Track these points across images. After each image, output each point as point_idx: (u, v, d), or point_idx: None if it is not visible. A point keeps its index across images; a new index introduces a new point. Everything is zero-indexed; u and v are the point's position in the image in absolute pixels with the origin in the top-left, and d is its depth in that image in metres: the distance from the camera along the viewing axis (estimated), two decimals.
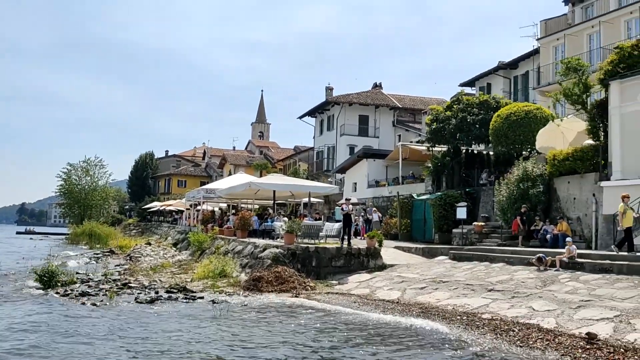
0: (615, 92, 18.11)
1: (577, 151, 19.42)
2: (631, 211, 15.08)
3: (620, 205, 15.13)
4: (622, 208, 15.08)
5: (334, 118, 49.15)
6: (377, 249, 19.87)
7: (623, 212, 15.03)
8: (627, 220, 14.97)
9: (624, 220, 14.99)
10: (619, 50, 18.79)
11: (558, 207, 20.12)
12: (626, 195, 15.29)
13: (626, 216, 14.97)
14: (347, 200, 22.32)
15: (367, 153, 37.38)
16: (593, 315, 10.76)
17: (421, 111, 46.85)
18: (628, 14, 26.68)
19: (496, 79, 37.16)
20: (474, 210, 24.60)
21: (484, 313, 12.32)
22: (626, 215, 14.97)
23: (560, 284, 13.81)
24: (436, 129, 27.31)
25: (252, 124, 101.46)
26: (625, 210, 15.01)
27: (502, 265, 16.99)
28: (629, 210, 15.03)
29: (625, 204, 15.13)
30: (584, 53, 27.59)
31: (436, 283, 15.71)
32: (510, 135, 23.45)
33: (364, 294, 15.92)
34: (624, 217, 14.98)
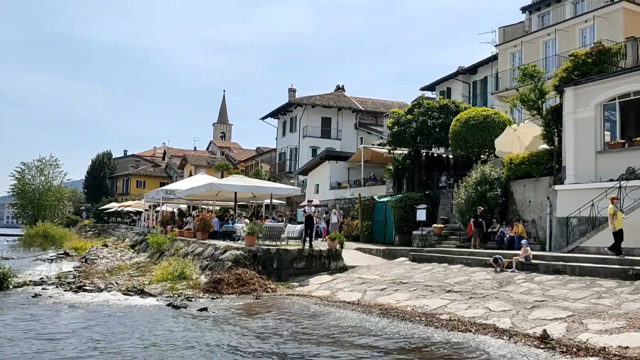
0: (569, 99, 18.70)
1: (533, 155, 19.95)
2: (621, 213, 14.68)
3: (610, 207, 14.71)
4: (612, 210, 14.65)
5: (297, 120, 49.15)
6: (339, 251, 19.94)
7: (613, 213, 14.60)
8: (617, 222, 14.54)
9: (615, 222, 14.55)
10: (574, 58, 19.41)
11: (514, 209, 20.62)
12: (615, 197, 14.95)
13: (617, 218, 14.54)
14: (309, 202, 22.34)
15: (330, 155, 37.52)
16: (547, 315, 11.05)
17: (383, 114, 47.32)
18: (583, 22, 27.61)
19: (456, 84, 37.87)
20: (433, 212, 24.98)
21: (442, 314, 12.50)
22: (617, 217, 14.54)
23: (516, 284, 14.15)
24: (397, 132, 27.62)
25: (214, 125, 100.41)
26: (615, 212, 14.58)
27: (460, 267, 17.29)
28: (619, 212, 14.60)
29: (614, 205, 14.70)
30: (540, 60, 28.39)
31: (396, 284, 15.86)
32: (469, 139, 23.92)
33: (325, 296, 15.94)
34: (615, 218, 14.54)
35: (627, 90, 17.33)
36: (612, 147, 17.66)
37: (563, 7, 30.28)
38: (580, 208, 17.04)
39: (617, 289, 12.42)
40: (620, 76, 17.60)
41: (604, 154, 17.73)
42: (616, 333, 9.48)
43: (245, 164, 65.80)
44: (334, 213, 27.30)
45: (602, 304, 11.51)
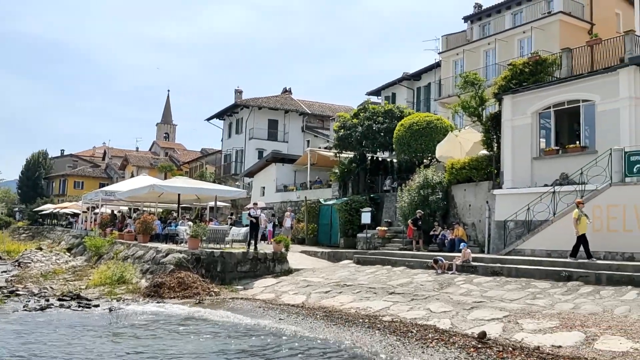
0: (507, 106, 19.40)
1: (473, 161, 20.55)
2: (585, 218, 14.58)
3: (575, 212, 14.68)
4: (577, 214, 14.59)
5: (243, 121, 48.74)
6: (284, 254, 19.87)
7: (577, 218, 14.54)
8: (582, 226, 14.49)
9: (578, 226, 14.50)
10: (512, 67, 20.16)
11: (455, 213, 21.18)
12: (580, 202, 14.87)
13: (581, 222, 14.49)
14: (255, 205, 22.15)
15: (276, 157, 37.41)
16: (484, 315, 11.39)
17: (330, 118, 47.62)
18: (521, 33, 28.73)
19: (400, 89, 38.59)
20: (377, 215, 25.32)
21: (385, 315, 12.66)
22: (580, 221, 14.49)
23: (456, 286, 14.52)
24: (343, 135, 27.85)
25: (157, 125, 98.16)
26: (579, 216, 14.53)
27: (403, 269, 17.59)
28: (583, 217, 14.53)
29: (579, 210, 14.64)
30: (481, 68, 29.33)
31: (340, 287, 15.96)
32: (413, 143, 24.41)
33: (269, 299, 15.84)
34: (579, 223, 14.50)
35: (561, 100, 18.15)
36: (547, 153, 18.44)
37: (503, 17, 31.41)
38: (517, 212, 17.68)
39: (551, 289, 12.96)
40: (555, 86, 18.40)
41: (539, 160, 18.49)
42: (549, 332, 9.86)
43: (190, 166, 64.67)
44: (288, 216, 27.03)
45: (537, 304, 11.97)
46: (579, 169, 16.18)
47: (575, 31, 26.95)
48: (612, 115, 16.56)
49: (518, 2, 30.91)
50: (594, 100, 17.13)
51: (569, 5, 27.73)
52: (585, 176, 15.94)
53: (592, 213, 15.36)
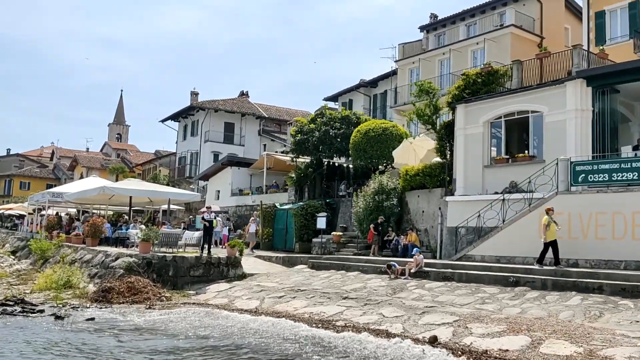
0: (460, 115, 19.87)
1: (427, 168, 20.93)
2: (554, 224, 14.61)
3: (545, 218, 14.68)
4: (546, 220, 14.60)
5: (199, 123, 48.11)
6: (238, 258, 19.68)
7: (547, 224, 14.55)
8: (550, 233, 14.53)
9: (547, 233, 14.54)
10: (465, 77, 20.66)
11: (409, 219, 21.49)
12: (550, 208, 14.85)
13: (550, 229, 14.51)
14: (209, 209, 21.85)
15: (232, 161, 37.07)
16: (435, 320, 11.58)
17: (287, 122, 47.61)
18: (475, 44, 29.50)
19: (358, 96, 38.96)
20: (333, 221, 25.43)
21: (338, 320, 12.69)
22: (550, 228, 14.51)
23: (408, 291, 14.71)
24: (300, 140, 27.87)
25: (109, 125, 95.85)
26: (549, 223, 14.55)
27: (357, 274, 17.70)
28: (552, 223, 14.58)
29: (549, 216, 14.65)
30: (436, 77, 29.95)
31: (294, 292, 15.91)
32: (369, 150, 24.66)
33: (222, 304, 15.64)
34: (548, 229, 14.52)
35: (511, 110, 18.71)
36: (498, 162, 18.96)
37: (457, 28, 32.18)
38: (468, 218, 18.10)
39: (499, 294, 13.30)
40: (506, 96, 18.97)
41: (490, 168, 18.99)
42: (497, 337, 10.11)
43: (143, 168, 63.33)
44: (253, 221, 26.28)
45: (486, 309, 12.26)
46: (527, 177, 16.70)
47: (526, 44, 27.87)
48: (559, 126, 17.18)
49: (472, 14, 31.76)
50: (542, 112, 17.74)
51: (521, 18, 28.67)
52: (533, 185, 16.47)
53: (540, 220, 15.86)
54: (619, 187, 14.82)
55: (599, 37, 24.02)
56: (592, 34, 24.37)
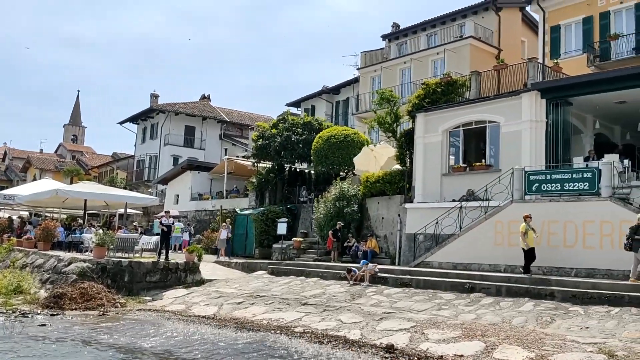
0: (420, 124, 20.19)
1: (387, 175, 21.16)
2: (532, 232, 14.55)
3: (522, 225, 14.58)
4: (524, 228, 14.52)
5: (159, 126, 47.34)
6: (196, 264, 19.41)
7: (525, 232, 14.50)
8: (529, 240, 14.49)
9: (526, 240, 14.49)
10: (425, 87, 21.03)
11: (369, 225, 21.65)
12: (528, 215, 14.73)
13: (528, 236, 14.47)
14: (167, 213, 21.50)
15: (192, 165, 36.63)
16: (393, 326, 11.69)
17: (248, 127, 47.36)
18: (435, 54, 30.04)
19: (320, 102, 39.12)
20: (294, 226, 25.38)
21: (297, 326, 12.66)
22: (528, 235, 14.48)
23: (367, 297, 14.81)
24: (262, 145, 27.76)
25: (65, 126, 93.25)
26: (526, 230, 14.50)
27: (317, 280, 17.71)
28: (530, 231, 14.52)
29: (527, 224, 14.57)
30: (397, 86, 30.35)
31: (253, 298, 15.80)
32: (330, 156, 24.76)
33: (179, 310, 15.39)
34: (526, 237, 14.47)
35: (470, 119, 19.14)
36: (456, 170, 19.34)
37: (419, 38, 32.72)
38: (426, 225, 18.37)
39: (455, 300, 13.54)
40: (464, 106, 19.39)
41: (448, 177, 19.35)
42: (453, 342, 10.28)
43: (99, 170, 61.83)
44: (224, 227, 25.67)
45: (442, 315, 12.45)
46: (484, 186, 17.09)
47: (485, 55, 28.57)
48: (514, 136, 17.66)
49: (433, 24, 32.36)
50: (499, 122, 18.21)
51: (479, 30, 29.38)
52: (490, 193, 16.86)
53: (495, 228, 16.26)
54: (571, 196, 15.31)
55: (554, 50, 24.87)
56: (548, 47, 25.20)
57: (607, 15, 23.43)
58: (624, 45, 22.57)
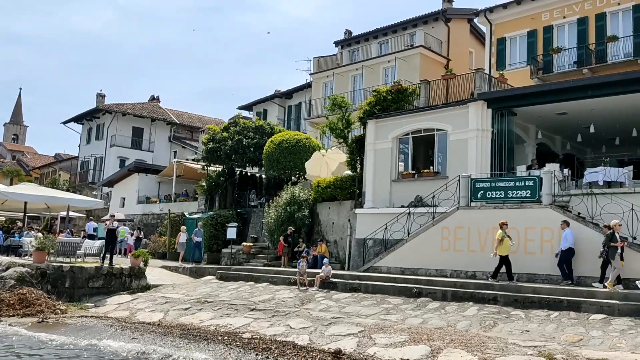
0: (371, 130, 20.43)
1: (338, 180, 21.29)
2: (508, 239, 14.44)
3: (499, 232, 14.44)
4: (500, 235, 14.37)
5: (105, 127, 46.01)
6: (142, 269, 18.92)
7: (501, 239, 14.35)
8: (504, 248, 14.35)
9: (501, 248, 14.35)
10: (377, 94, 21.30)
11: (319, 230, 21.70)
12: (504, 223, 14.61)
13: (503, 244, 14.33)
14: (112, 217, 20.87)
15: (140, 167, 35.78)
16: (341, 331, 11.72)
17: (199, 129, 46.69)
18: (386, 62, 30.48)
19: (272, 106, 39.00)
20: (244, 231, 25.15)
21: (245, 332, 12.52)
22: (503, 243, 14.34)
23: (316, 302, 14.82)
24: (212, 148, 27.42)
25: (5, 125, 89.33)
26: (502, 237, 14.36)
27: (266, 285, 17.59)
28: (506, 238, 14.40)
29: (503, 231, 14.44)
30: (349, 92, 30.62)
31: (201, 303, 15.53)
32: (282, 160, 24.71)
33: (123, 317, 14.94)
34: (501, 244, 14.34)
35: (419, 127, 19.51)
36: (405, 176, 19.66)
37: (371, 46, 33.14)
38: (375, 231, 18.58)
39: (403, 305, 13.73)
40: (413, 114, 19.76)
41: (397, 183, 19.64)
42: (399, 346, 10.40)
43: (41, 171, 59.53)
44: (183, 231, 24.44)
45: (390, 319, 12.60)
46: (431, 192, 17.44)
47: (434, 64, 29.22)
48: (461, 145, 18.12)
49: (385, 32, 32.85)
50: (447, 130, 18.64)
51: (429, 40, 30.03)
52: (437, 199, 17.23)
53: (441, 234, 16.60)
54: (514, 203, 15.82)
55: (500, 62, 25.69)
56: (494, 58, 26.02)
57: (550, 29, 24.42)
58: (566, 58, 23.56)
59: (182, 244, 24.00)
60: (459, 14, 31.38)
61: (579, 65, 22.85)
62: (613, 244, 12.88)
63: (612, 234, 12.98)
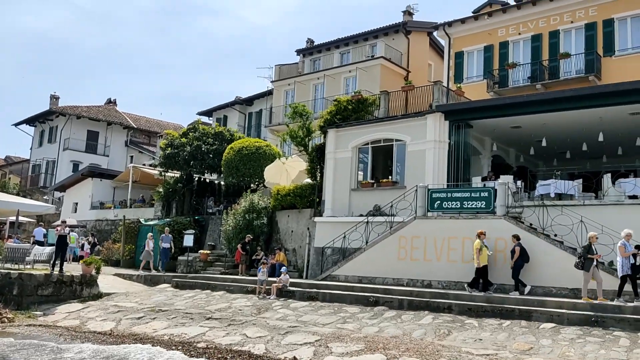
0: (331, 139, 20.53)
1: (298, 188, 21.27)
2: (486, 249, 14.45)
3: (477, 242, 14.43)
4: (479, 245, 14.36)
5: (58, 130, 44.67)
6: (94, 276, 18.39)
7: (479, 249, 14.32)
8: (482, 258, 14.33)
9: (480, 257, 14.29)
10: (337, 103, 21.44)
11: (278, 238, 21.61)
12: (482, 232, 14.61)
13: (482, 254, 14.32)
14: (64, 223, 20.23)
15: (94, 172, 34.86)
16: (298, 340, 11.68)
17: (157, 134, 45.90)
18: (347, 72, 30.75)
19: (233, 113, 38.73)
20: (201, 239, 24.81)
21: (200, 342, 12.31)
22: (482, 252, 14.33)
23: (273, 311, 14.72)
24: (170, 154, 26.99)
25: None
26: (481, 247, 14.34)
27: (223, 294, 17.37)
28: (484, 248, 14.41)
29: (481, 240, 14.46)
30: (310, 101, 30.71)
31: (155, 312, 15.20)
32: (241, 167, 24.52)
33: (73, 326, 14.48)
34: (480, 254, 14.31)
35: (378, 137, 19.72)
36: (364, 186, 19.81)
37: (332, 55, 33.39)
38: (334, 239, 18.62)
39: (360, 314, 13.78)
40: (373, 124, 19.97)
41: (357, 192, 19.77)
42: (356, 355, 10.43)
43: None
44: (150, 238, 23.44)
45: (346, 328, 12.62)
46: (390, 201, 17.62)
47: (394, 76, 29.65)
48: (419, 155, 18.40)
49: (346, 42, 33.16)
50: (406, 141, 18.91)
51: (390, 52, 30.47)
52: (395, 209, 17.41)
53: (399, 243, 16.78)
54: (469, 214, 16.15)
55: (458, 75, 26.31)
56: (452, 72, 26.62)
57: (506, 45, 25.17)
58: (521, 73, 24.32)
59: (148, 252, 22.95)
60: (419, 27, 31.98)
61: (533, 81, 23.62)
62: (590, 256, 12.84)
63: (589, 246, 12.93)
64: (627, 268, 12.49)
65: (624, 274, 12.51)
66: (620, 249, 12.58)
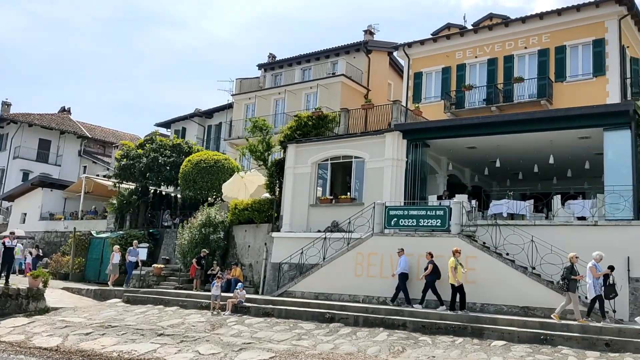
0: (290, 154, 20.54)
1: (256, 203, 21.12)
2: (461, 267, 14.28)
3: (451, 260, 14.25)
4: (453, 263, 14.18)
5: (8, 137, 43.17)
6: (41, 290, 17.69)
7: (454, 267, 14.14)
8: (459, 275, 14.10)
9: (457, 275, 14.09)
10: (298, 119, 21.51)
11: (235, 253, 21.36)
12: (457, 250, 14.48)
13: (457, 272, 14.13)
14: (12, 234, 19.47)
15: (45, 181, 33.77)
16: (252, 357, 11.51)
17: (112, 144, 44.91)
18: (308, 88, 30.92)
19: (191, 125, 38.30)
20: (155, 252, 24.29)
21: (150, 359, 11.98)
22: (457, 271, 14.14)
23: (228, 327, 14.48)
24: (125, 165, 26.43)
25: None
26: (455, 265, 14.18)
27: (176, 309, 16.99)
28: (459, 266, 14.25)
29: (456, 258, 14.29)
30: (270, 115, 30.69)
31: (104, 328, 14.72)
32: (199, 180, 24.22)
33: (18, 341, 13.86)
34: (456, 272, 14.11)
35: (337, 154, 19.85)
36: (322, 202, 19.85)
37: (294, 71, 33.52)
38: (291, 255, 18.53)
39: (315, 330, 13.72)
40: (333, 141, 20.10)
41: (315, 207, 19.78)
42: None
43: None
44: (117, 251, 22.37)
45: (302, 345, 12.52)
46: (348, 218, 17.70)
47: (354, 93, 30.00)
48: (377, 173, 18.61)
49: (308, 59, 33.39)
50: (364, 158, 19.10)
51: (351, 70, 30.85)
52: (353, 225, 17.49)
53: (356, 259, 16.85)
54: (425, 231, 16.38)
55: (416, 95, 26.82)
56: (411, 91, 27.13)
57: (463, 67, 25.86)
58: (477, 95, 24.99)
59: (115, 265, 22.08)
60: (380, 47, 32.52)
61: (488, 103, 24.30)
62: (574, 277, 12.85)
63: (572, 267, 12.90)
64: (599, 289, 12.71)
65: (596, 294, 12.70)
66: (592, 270, 12.77)
